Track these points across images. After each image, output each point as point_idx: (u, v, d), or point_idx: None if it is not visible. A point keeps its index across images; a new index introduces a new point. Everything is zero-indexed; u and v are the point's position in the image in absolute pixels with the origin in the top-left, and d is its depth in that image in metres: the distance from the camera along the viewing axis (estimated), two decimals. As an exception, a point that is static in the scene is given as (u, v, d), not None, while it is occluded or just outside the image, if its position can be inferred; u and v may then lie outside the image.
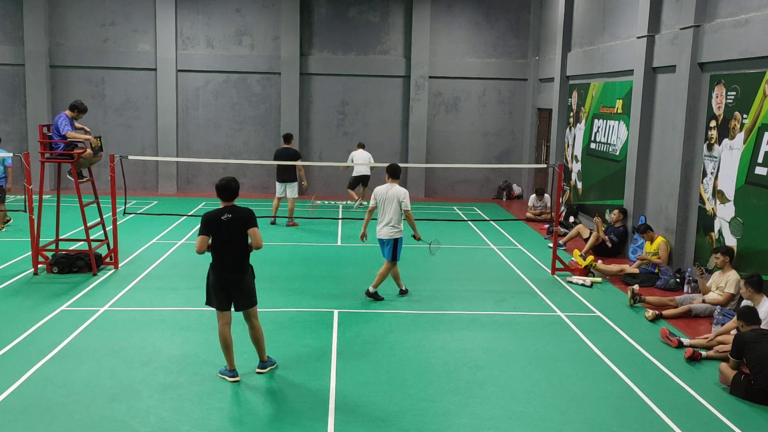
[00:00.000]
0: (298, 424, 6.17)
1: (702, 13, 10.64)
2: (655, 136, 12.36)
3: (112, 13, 19.93)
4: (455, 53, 20.63)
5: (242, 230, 6.89)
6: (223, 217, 6.83)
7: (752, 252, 9.37)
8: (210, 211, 6.98)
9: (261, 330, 7.22)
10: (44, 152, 10.85)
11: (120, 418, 6.18)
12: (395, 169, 9.88)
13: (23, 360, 7.41)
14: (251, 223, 6.91)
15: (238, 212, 6.89)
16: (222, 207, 6.94)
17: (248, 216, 6.93)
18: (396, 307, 9.67)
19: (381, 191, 9.69)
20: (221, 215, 6.85)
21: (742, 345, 6.95)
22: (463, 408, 6.63)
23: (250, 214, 6.95)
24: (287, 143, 15.65)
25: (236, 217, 6.86)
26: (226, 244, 6.87)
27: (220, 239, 6.85)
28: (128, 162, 16.86)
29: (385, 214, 9.64)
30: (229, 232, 6.83)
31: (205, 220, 6.88)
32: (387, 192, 9.63)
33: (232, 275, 6.94)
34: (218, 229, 6.83)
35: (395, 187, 9.64)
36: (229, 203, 6.95)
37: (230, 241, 6.86)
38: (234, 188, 6.93)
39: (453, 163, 20.21)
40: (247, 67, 20.26)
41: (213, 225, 6.83)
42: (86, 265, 11.01)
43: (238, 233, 6.88)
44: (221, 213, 6.87)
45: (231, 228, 6.83)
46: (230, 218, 6.83)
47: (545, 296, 10.33)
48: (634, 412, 6.55)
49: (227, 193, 6.91)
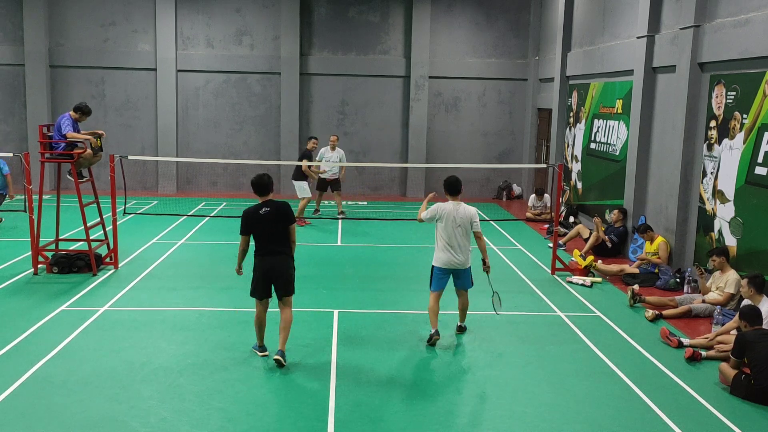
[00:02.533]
0: (298, 424, 6.17)
1: (702, 13, 10.64)
2: (655, 136, 12.36)
3: (112, 13, 19.93)
4: (455, 53, 20.63)
5: (282, 223, 7.29)
6: (262, 211, 7.23)
7: (752, 252, 9.37)
8: (248, 207, 7.38)
9: (291, 319, 7.52)
10: (44, 152, 10.85)
11: (120, 418, 6.18)
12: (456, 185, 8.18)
13: (23, 360, 7.41)
14: (291, 219, 7.34)
15: (276, 205, 7.29)
16: (260, 202, 7.32)
17: (287, 210, 7.33)
18: (396, 307, 9.67)
19: (450, 208, 8.06)
20: (260, 209, 7.25)
21: (744, 345, 6.94)
22: (463, 408, 6.63)
23: (288, 209, 7.35)
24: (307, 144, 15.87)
25: (275, 210, 7.26)
26: (269, 237, 7.28)
27: (262, 232, 7.27)
28: (128, 162, 16.85)
29: (455, 236, 8.03)
30: (270, 224, 7.23)
31: (244, 218, 7.31)
32: (457, 210, 8.05)
33: (277, 264, 7.33)
34: (259, 224, 7.24)
35: (464, 205, 8.15)
36: (265, 198, 7.31)
37: (272, 234, 7.26)
38: (266, 183, 7.33)
39: (453, 163, 20.20)
40: (247, 67, 20.26)
41: (252, 221, 7.24)
42: (86, 265, 11.01)
43: (279, 226, 7.27)
44: (260, 207, 7.27)
45: (271, 221, 7.23)
46: (269, 212, 7.23)
47: (545, 296, 10.32)
48: (634, 412, 6.55)
49: (261, 188, 7.30)
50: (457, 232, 8.01)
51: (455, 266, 8.08)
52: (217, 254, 12.58)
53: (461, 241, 8.02)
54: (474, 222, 8.07)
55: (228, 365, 7.44)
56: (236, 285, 10.61)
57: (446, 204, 8.09)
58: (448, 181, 8.17)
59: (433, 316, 8.22)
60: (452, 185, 8.14)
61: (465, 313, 8.55)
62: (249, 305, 9.56)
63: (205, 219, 15.43)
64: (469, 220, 8.04)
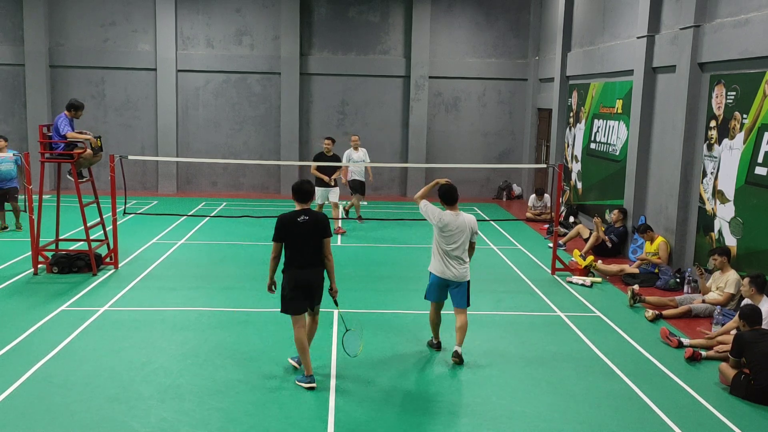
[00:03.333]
0: (298, 424, 6.17)
1: (702, 13, 10.64)
2: (655, 136, 12.36)
3: (112, 13, 19.94)
4: (455, 53, 20.64)
5: (319, 235, 6.88)
6: (300, 218, 6.82)
7: (752, 252, 9.37)
8: (285, 213, 6.94)
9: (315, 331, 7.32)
10: (44, 152, 10.86)
11: (120, 418, 6.18)
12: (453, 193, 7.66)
13: (23, 360, 7.41)
14: (328, 232, 6.95)
15: (315, 216, 6.90)
16: (298, 209, 6.90)
17: (326, 222, 6.96)
18: (396, 307, 9.67)
19: (450, 218, 7.55)
20: (297, 216, 6.83)
21: (743, 345, 6.95)
22: (463, 408, 6.63)
23: (327, 221, 6.99)
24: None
25: (313, 221, 6.85)
26: (303, 247, 6.84)
27: (297, 241, 6.83)
28: (128, 162, 16.86)
29: (454, 247, 7.56)
30: (306, 234, 6.82)
31: (279, 224, 6.84)
32: (457, 219, 7.57)
33: (312, 277, 6.94)
34: (294, 232, 6.81)
35: (464, 214, 7.66)
36: (304, 206, 6.91)
37: (307, 244, 6.85)
38: (309, 190, 6.93)
39: (453, 163, 20.21)
40: (247, 67, 20.26)
41: (289, 227, 6.80)
42: (86, 265, 11.01)
43: (315, 237, 6.87)
44: (297, 215, 6.85)
45: (308, 230, 6.82)
46: (307, 220, 6.82)
47: (545, 296, 10.33)
48: (634, 412, 6.55)
49: (303, 194, 6.90)
50: (457, 244, 7.53)
51: (451, 278, 7.59)
52: (217, 254, 12.58)
53: (460, 253, 7.57)
54: (475, 233, 7.64)
55: (228, 365, 7.44)
56: (236, 285, 10.64)
57: (446, 213, 7.57)
58: (444, 190, 7.62)
59: (434, 327, 7.94)
60: (449, 194, 7.59)
61: (463, 334, 7.66)
62: (249, 305, 9.60)
63: (205, 219, 15.42)
64: (470, 230, 7.58)
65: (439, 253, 7.62)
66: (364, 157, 15.74)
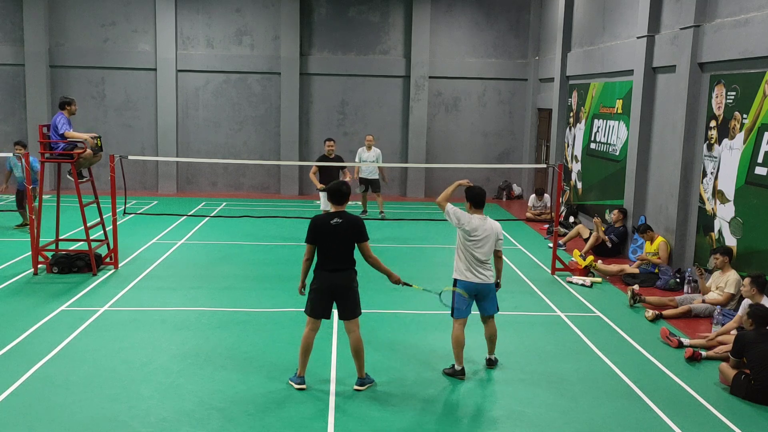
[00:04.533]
0: (298, 424, 6.17)
1: (702, 13, 10.64)
2: (655, 136, 12.36)
3: (112, 13, 19.93)
4: (455, 53, 20.64)
5: (352, 238, 6.70)
6: (333, 221, 6.65)
7: (752, 252, 9.37)
8: (319, 215, 6.82)
9: (361, 342, 6.89)
10: (44, 152, 10.86)
11: (120, 418, 6.18)
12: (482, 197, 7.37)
13: (23, 360, 7.41)
14: (363, 236, 6.74)
15: (348, 218, 6.72)
16: (332, 211, 6.76)
17: (360, 226, 6.74)
18: (396, 307, 9.66)
19: (478, 222, 7.26)
20: (331, 219, 6.67)
21: (743, 345, 6.93)
22: (463, 408, 6.63)
23: (361, 225, 6.76)
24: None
25: (346, 223, 6.68)
26: (336, 249, 6.68)
27: (329, 244, 6.67)
28: (128, 162, 16.87)
29: (482, 252, 7.27)
30: (339, 237, 6.66)
31: (312, 226, 6.70)
32: (485, 224, 7.28)
33: (340, 281, 6.74)
34: (327, 234, 6.65)
35: (490, 220, 7.41)
36: (339, 208, 6.76)
37: (339, 247, 6.68)
38: (345, 192, 6.75)
39: (453, 163, 20.21)
40: (247, 67, 20.26)
41: (322, 229, 6.66)
42: (86, 265, 11.01)
43: (348, 240, 6.70)
44: (331, 217, 6.69)
45: (340, 233, 6.66)
46: (340, 223, 6.65)
47: (545, 296, 10.32)
48: (634, 412, 6.55)
49: (338, 196, 6.74)
50: (485, 249, 7.25)
51: (480, 283, 7.25)
52: (217, 254, 12.58)
53: (486, 258, 7.30)
54: (499, 240, 7.36)
55: (228, 365, 7.44)
56: (236, 285, 10.64)
57: (474, 217, 7.26)
58: (475, 193, 7.27)
59: (458, 349, 7.28)
60: (480, 197, 7.27)
61: (494, 343, 7.58)
62: (249, 305, 9.60)
63: (205, 219, 15.42)
64: (496, 235, 7.30)
65: (465, 258, 7.27)
66: (375, 157, 15.77)
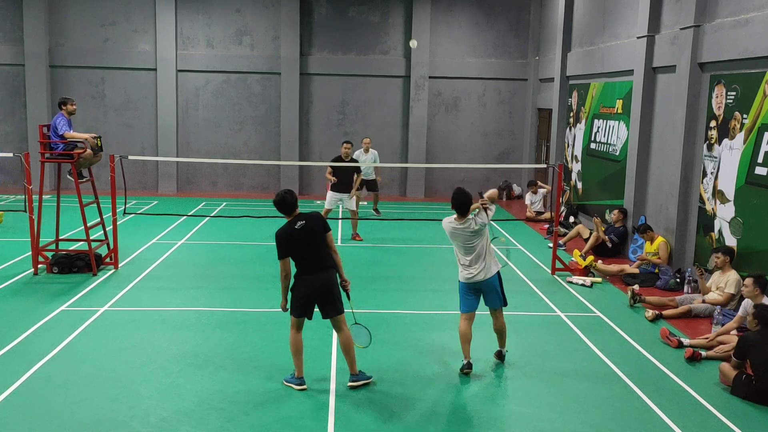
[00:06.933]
0: (298, 424, 6.17)
1: (702, 13, 10.64)
2: (655, 136, 12.36)
3: (112, 13, 19.94)
4: (455, 53, 20.64)
5: (321, 234, 6.75)
6: (297, 225, 6.65)
7: (752, 252, 9.37)
8: (280, 228, 6.72)
9: (351, 338, 6.91)
10: (44, 152, 10.86)
11: (120, 418, 6.18)
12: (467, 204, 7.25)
13: (23, 360, 7.41)
14: (327, 227, 6.84)
15: (308, 216, 6.78)
16: (290, 219, 6.75)
17: (322, 218, 6.86)
18: (395, 307, 9.66)
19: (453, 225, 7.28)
20: (294, 225, 6.66)
21: (747, 347, 6.89)
22: (464, 408, 6.63)
23: (321, 217, 6.89)
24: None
25: (310, 220, 6.73)
26: (312, 250, 6.71)
27: (303, 248, 6.67)
28: (128, 162, 16.85)
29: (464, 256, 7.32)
30: (310, 236, 6.67)
31: (280, 240, 6.65)
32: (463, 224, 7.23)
33: (327, 281, 6.78)
34: (297, 240, 6.63)
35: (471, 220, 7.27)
36: (294, 213, 6.76)
37: (312, 246, 6.70)
38: (291, 202, 6.72)
39: (453, 163, 20.21)
40: (247, 67, 20.26)
41: (290, 237, 6.63)
42: (86, 265, 11.01)
43: (318, 236, 6.74)
44: (293, 224, 6.68)
45: (309, 232, 6.68)
46: (304, 225, 6.67)
47: (545, 296, 10.32)
48: (634, 412, 6.55)
49: (286, 208, 6.73)
50: (470, 245, 7.23)
51: (480, 279, 7.28)
52: (217, 254, 12.58)
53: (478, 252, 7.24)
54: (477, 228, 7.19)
55: (228, 365, 7.44)
56: (236, 285, 10.64)
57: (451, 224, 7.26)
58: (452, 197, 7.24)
59: (464, 344, 7.34)
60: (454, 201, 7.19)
61: (503, 337, 7.61)
62: (249, 305, 9.60)
63: (205, 219, 15.43)
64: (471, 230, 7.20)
65: (458, 261, 7.41)
66: (373, 158, 15.74)
